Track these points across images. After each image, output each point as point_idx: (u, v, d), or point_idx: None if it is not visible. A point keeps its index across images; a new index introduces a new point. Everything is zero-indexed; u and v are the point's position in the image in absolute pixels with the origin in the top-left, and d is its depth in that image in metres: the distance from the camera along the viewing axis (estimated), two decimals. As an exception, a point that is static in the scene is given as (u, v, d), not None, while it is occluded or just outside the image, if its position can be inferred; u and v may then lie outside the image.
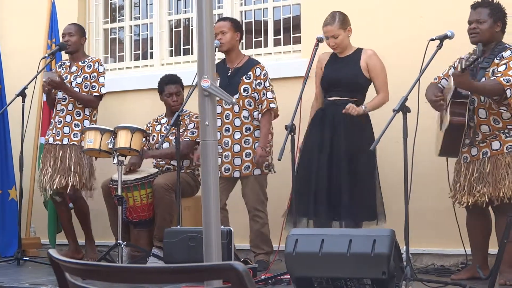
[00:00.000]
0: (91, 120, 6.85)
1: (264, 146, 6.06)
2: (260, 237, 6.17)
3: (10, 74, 7.60)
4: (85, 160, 6.74)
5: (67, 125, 6.81)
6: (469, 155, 5.28)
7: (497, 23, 5.29)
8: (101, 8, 8.15)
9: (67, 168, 6.72)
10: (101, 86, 6.82)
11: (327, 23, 5.85)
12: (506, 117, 5.20)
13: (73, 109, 6.83)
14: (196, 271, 1.63)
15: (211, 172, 3.10)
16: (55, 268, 1.86)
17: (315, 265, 4.45)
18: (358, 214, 5.70)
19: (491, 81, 5.11)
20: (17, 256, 6.54)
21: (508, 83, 5.02)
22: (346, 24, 5.86)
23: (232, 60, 6.26)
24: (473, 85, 5.08)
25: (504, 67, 5.11)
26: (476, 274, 5.21)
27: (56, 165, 6.77)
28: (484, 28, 5.26)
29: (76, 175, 6.71)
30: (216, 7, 7.42)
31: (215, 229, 3.07)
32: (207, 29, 3.13)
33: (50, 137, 6.92)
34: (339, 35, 5.83)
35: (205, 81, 3.06)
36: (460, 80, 4.98)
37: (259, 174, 6.13)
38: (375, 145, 5.02)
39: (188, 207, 6.35)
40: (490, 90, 5.11)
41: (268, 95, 6.12)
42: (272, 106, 6.11)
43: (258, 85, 6.13)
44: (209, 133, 3.10)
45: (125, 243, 5.94)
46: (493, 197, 5.16)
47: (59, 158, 6.78)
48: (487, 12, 5.27)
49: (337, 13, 5.89)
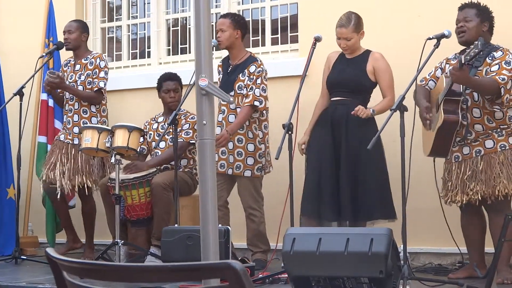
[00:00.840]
0: (101, 116, 6.84)
1: (230, 131, 5.97)
2: (256, 235, 6.17)
3: (8, 73, 7.59)
4: (95, 159, 6.75)
5: (75, 125, 6.80)
6: (461, 154, 5.29)
7: (484, 23, 5.32)
8: (99, 7, 8.14)
9: (80, 168, 6.73)
10: (101, 80, 6.79)
11: (342, 24, 5.75)
12: (499, 116, 5.21)
13: (79, 108, 6.82)
14: (194, 270, 1.63)
15: (209, 171, 3.10)
16: (53, 267, 1.86)
17: (312, 264, 4.45)
18: (374, 212, 5.65)
19: (488, 78, 5.13)
20: (14, 255, 6.55)
21: (503, 81, 5.05)
22: (360, 27, 5.79)
23: (234, 57, 6.26)
24: (471, 81, 5.08)
25: (497, 67, 5.14)
26: (474, 273, 5.22)
27: (70, 163, 6.76)
28: (471, 26, 5.29)
29: (87, 174, 6.73)
30: (214, 6, 7.42)
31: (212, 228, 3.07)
32: (205, 28, 3.13)
33: (62, 135, 6.92)
34: (352, 38, 5.77)
35: (203, 80, 3.06)
36: (459, 75, 4.97)
37: (250, 176, 6.12)
38: (373, 144, 5.02)
39: (185, 206, 6.35)
40: (486, 86, 5.11)
41: (256, 91, 6.05)
42: (256, 104, 6.04)
43: (249, 80, 6.10)
44: (207, 132, 3.10)
45: (122, 241, 5.94)
46: (486, 195, 5.17)
47: (73, 156, 6.77)
48: (474, 12, 5.33)
49: (353, 15, 5.79)
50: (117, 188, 6.01)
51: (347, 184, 5.61)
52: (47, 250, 1.85)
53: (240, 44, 6.30)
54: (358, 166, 5.65)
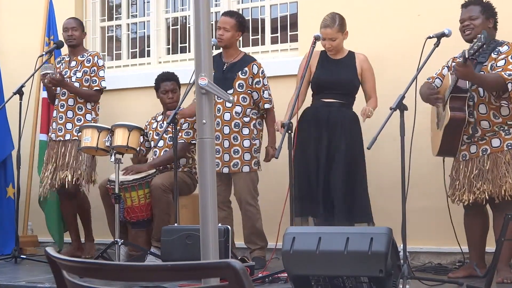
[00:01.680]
0: (95, 113, 6.87)
1: (273, 146, 6.16)
2: (254, 232, 6.18)
3: (8, 72, 7.59)
4: (83, 154, 6.73)
5: (69, 121, 6.81)
6: (468, 152, 5.28)
7: (489, 19, 5.32)
8: (98, 6, 8.14)
9: (65, 164, 6.73)
10: (101, 80, 6.84)
11: (327, 25, 5.79)
12: (505, 113, 5.19)
13: (74, 104, 6.83)
14: (193, 269, 1.63)
15: (208, 170, 3.10)
16: (52, 266, 1.85)
17: (312, 263, 4.45)
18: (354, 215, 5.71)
19: (493, 74, 5.11)
20: (14, 254, 6.54)
21: (510, 77, 5.02)
22: (344, 27, 5.85)
23: (229, 55, 6.26)
24: (476, 76, 5.07)
25: (504, 62, 5.12)
26: (473, 272, 5.22)
27: (57, 162, 6.79)
28: (477, 23, 5.28)
29: (73, 170, 6.71)
30: (213, 5, 7.41)
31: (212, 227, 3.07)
32: (204, 27, 3.12)
33: (52, 133, 6.93)
34: (337, 39, 5.82)
35: (203, 79, 3.06)
36: (464, 70, 4.96)
37: (248, 171, 6.13)
38: (372, 143, 5.01)
39: (185, 205, 6.34)
40: (491, 82, 5.10)
41: (265, 94, 6.14)
42: (267, 107, 6.16)
43: (257, 83, 6.12)
44: (206, 131, 3.09)
45: (122, 241, 5.94)
46: (493, 194, 5.16)
47: (61, 154, 6.78)
48: (479, 9, 5.32)
49: (336, 16, 5.84)
50: (116, 187, 6.01)
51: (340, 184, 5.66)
52: (47, 249, 1.85)
53: (236, 44, 6.34)
54: (354, 167, 5.70)
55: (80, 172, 6.73)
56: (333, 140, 5.74)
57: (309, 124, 5.82)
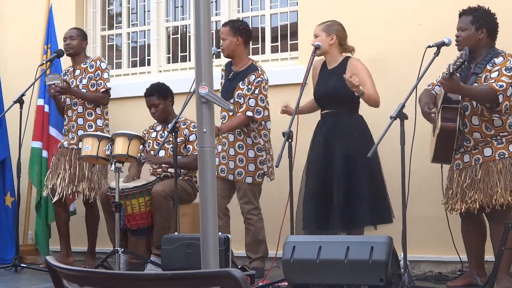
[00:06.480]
0: (104, 118, 6.90)
1: (221, 129, 5.99)
2: (255, 241, 6.18)
3: (7, 79, 7.60)
4: (96, 166, 6.75)
5: (80, 128, 6.83)
6: (462, 161, 5.28)
7: (480, 29, 5.27)
8: (99, 14, 8.16)
9: (81, 175, 6.74)
10: (106, 81, 6.89)
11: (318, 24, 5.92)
12: (498, 124, 5.18)
13: (84, 111, 6.86)
14: (194, 278, 1.63)
15: (209, 179, 3.09)
16: (52, 275, 1.85)
17: (312, 272, 4.45)
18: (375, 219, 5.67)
19: (482, 86, 5.10)
20: (14, 262, 6.54)
21: (501, 88, 5.01)
22: (332, 30, 5.86)
23: (236, 63, 6.28)
24: (463, 89, 5.05)
25: (497, 74, 5.10)
26: (473, 281, 5.22)
27: (74, 169, 6.77)
28: (465, 35, 5.27)
29: (89, 181, 6.74)
30: (214, 14, 7.42)
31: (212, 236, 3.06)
32: (205, 36, 3.12)
33: (65, 141, 6.93)
34: (319, 36, 5.85)
35: (203, 88, 3.06)
36: (449, 84, 4.96)
37: (251, 183, 6.12)
38: (373, 152, 5.02)
39: (185, 214, 6.34)
40: (480, 93, 5.08)
41: (250, 102, 6.08)
42: (249, 114, 6.07)
43: (248, 90, 6.12)
44: (207, 140, 3.09)
45: (122, 249, 5.94)
46: (484, 204, 5.15)
47: (78, 163, 6.77)
48: (469, 20, 5.28)
49: (332, 21, 5.92)
50: (117, 196, 6.01)
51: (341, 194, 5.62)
52: (47, 258, 1.85)
53: (242, 51, 6.29)
54: (350, 174, 5.66)
55: (93, 183, 6.75)
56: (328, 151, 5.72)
57: (319, 138, 5.84)
